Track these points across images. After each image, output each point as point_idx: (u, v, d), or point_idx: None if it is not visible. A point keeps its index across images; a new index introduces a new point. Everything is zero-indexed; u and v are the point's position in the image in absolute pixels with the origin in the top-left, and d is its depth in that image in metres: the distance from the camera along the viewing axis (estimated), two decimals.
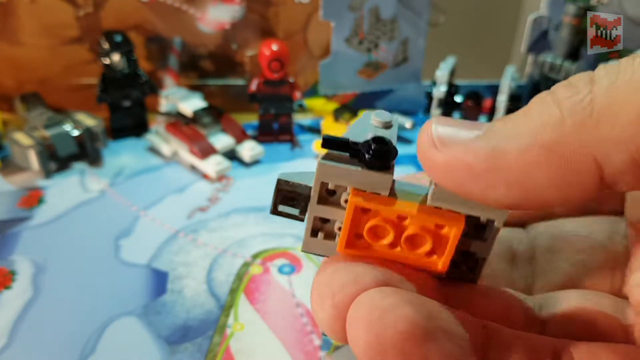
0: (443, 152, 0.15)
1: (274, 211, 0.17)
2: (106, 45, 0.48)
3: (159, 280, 0.35)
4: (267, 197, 0.43)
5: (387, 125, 0.17)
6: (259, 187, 0.45)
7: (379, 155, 0.15)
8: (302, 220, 0.17)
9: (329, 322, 0.16)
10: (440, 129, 0.15)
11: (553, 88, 0.14)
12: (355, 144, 0.15)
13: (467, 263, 0.17)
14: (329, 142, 0.15)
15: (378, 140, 0.15)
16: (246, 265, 0.36)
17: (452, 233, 0.16)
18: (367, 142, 0.15)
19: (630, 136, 0.13)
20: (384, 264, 0.16)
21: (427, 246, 0.16)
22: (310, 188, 0.16)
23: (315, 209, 0.16)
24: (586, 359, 0.16)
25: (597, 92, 0.13)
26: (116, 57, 0.48)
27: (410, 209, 0.15)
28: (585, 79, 0.14)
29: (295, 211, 0.17)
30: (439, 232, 0.16)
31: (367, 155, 0.15)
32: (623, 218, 0.20)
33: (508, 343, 0.16)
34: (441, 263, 0.16)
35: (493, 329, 0.16)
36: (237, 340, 0.30)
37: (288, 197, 0.16)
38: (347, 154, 0.15)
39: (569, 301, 0.18)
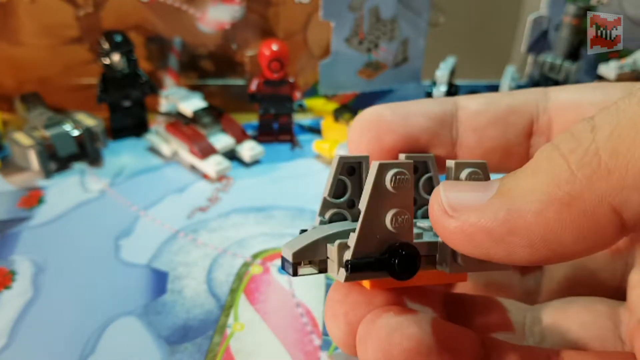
0: (456, 219, 0.15)
1: (294, 275, 0.17)
2: (106, 45, 0.48)
3: (159, 280, 0.35)
4: (267, 197, 0.43)
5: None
6: (259, 187, 0.45)
7: (406, 271, 0.16)
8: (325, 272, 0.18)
9: (342, 338, 0.17)
10: (449, 195, 0.15)
11: (555, 142, 0.14)
12: (380, 261, 0.16)
13: None
14: (356, 268, 0.16)
15: (402, 258, 0.16)
16: (246, 265, 0.36)
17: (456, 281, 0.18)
18: (391, 260, 0.16)
19: None
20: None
21: None
22: (326, 258, 0.17)
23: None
24: None
25: (600, 141, 0.13)
26: (116, 57, 0.48)
27: (426, 281, 0.17)
28: (587, 128, 0.14)
29: (315, 270, 0.17)
30: None
31: (393, 272, 0.16)
32: None
33: (505, 356, 0.17)
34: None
35: (492, 343, 0.17)
36: (237, 340, 0.30)
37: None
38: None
39: (564, 310, 0.19)
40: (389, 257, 0.16)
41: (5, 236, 0.38)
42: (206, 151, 0.46)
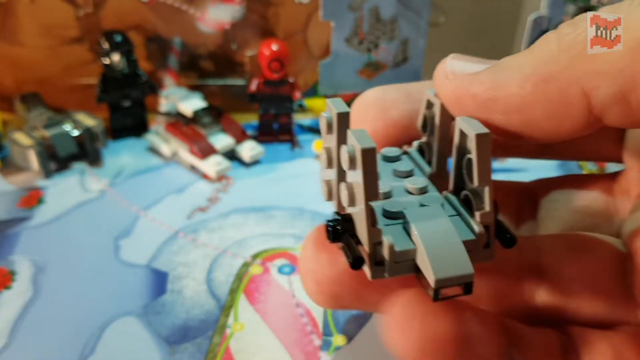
0: (451, 81, 0.16)
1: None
2: (106, 45, 0.48)
3: (159, 281, 0.35)
4: (267, 197, 0.43)
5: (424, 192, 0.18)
6: (259, 187, 0.45)
7: None
8: None
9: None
10: (454, 62, 0.17)
11: (559, 26, 0.15)
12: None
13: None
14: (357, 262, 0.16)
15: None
16: (246, 265, 0.36)
17: None
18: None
19: (619, 70, 0.13)
20: None
21: None
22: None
23: None
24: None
25: (594, 30, 0.14)
26: (116, 57, 0.48)
27: None
28: (586, 17, 0.15)
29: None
30: None
31: None
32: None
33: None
34: None
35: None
36: (237, 341, 0.30)
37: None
38: None
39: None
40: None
41: (5, 236, 0.38)
42: (206, 151, 0.46)
